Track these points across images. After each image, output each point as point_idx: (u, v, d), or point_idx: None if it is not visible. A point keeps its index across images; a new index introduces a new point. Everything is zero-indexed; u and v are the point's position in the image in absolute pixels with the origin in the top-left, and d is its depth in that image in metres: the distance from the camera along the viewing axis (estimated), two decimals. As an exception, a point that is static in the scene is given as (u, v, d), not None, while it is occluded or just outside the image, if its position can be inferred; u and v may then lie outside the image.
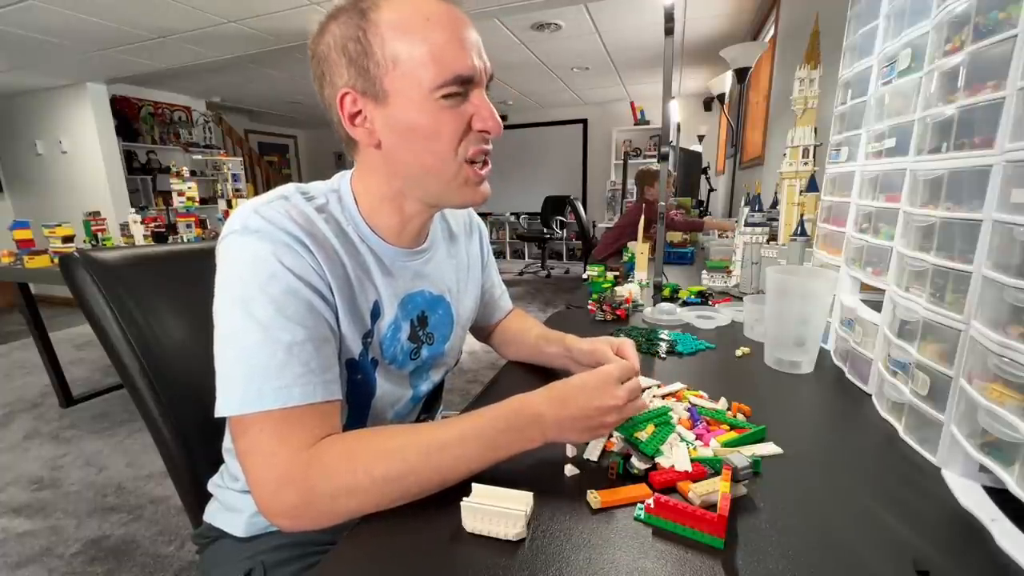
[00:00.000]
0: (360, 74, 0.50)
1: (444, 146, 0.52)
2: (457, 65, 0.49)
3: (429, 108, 0.50)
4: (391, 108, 0.51)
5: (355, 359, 0.57)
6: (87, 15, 2.69)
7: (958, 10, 0.50)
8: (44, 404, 2.57)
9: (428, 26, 0.49)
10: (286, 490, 0.44)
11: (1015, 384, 0.41)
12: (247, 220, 0.49)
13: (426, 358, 0.67)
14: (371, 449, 0.46)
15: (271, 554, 0.60)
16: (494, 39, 3.70)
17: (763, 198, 1.43)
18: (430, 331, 0.66)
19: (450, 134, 0.52)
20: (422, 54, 0.48)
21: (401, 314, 0.62)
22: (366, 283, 0.57)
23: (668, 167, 1.37)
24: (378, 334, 0.59)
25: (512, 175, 7.07)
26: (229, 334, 0.47)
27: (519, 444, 0.48)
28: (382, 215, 0.59)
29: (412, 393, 0.67)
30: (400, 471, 0.44)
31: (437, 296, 0.67)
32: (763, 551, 0.40)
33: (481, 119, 0.53)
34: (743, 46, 2.59)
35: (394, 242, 0.60)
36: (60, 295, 4.45)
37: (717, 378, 0.77)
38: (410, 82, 0.49)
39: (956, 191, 0.50)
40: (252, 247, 0.48)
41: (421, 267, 0.64)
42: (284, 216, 0.50)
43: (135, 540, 1.53)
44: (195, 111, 5.26)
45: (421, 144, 0.52)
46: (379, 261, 0.59)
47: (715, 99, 3.59)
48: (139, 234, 2.76)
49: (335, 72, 0.51)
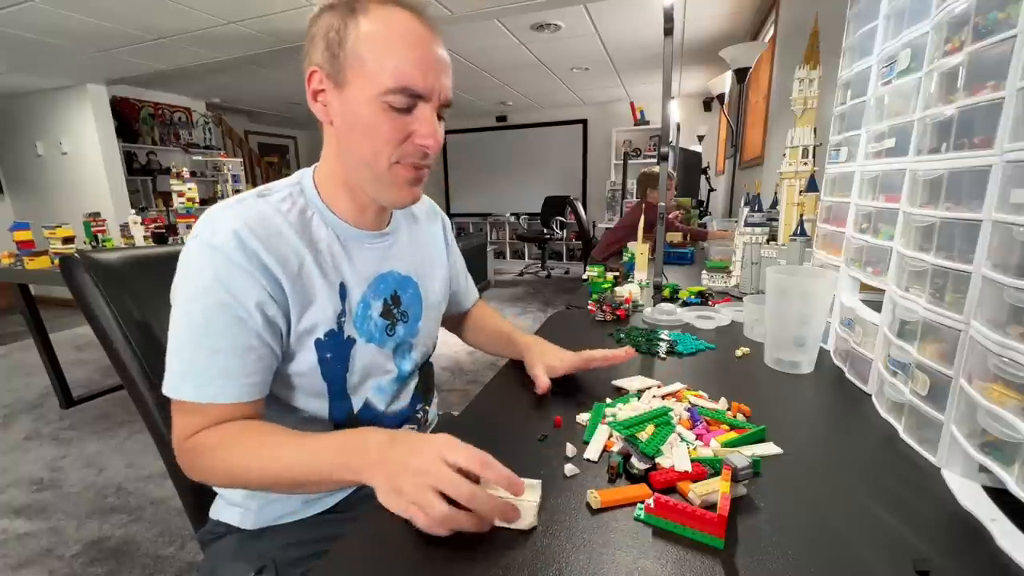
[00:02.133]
0: (330, 59, 0.56)
1: (378, 145, 0.57)
2: (407, 78, 0.54)
3: (374, 108, 0.55)
4: (346, 96, 0.56)
5: (321, 338, 0.61)
6: (87, 16, 2.69)
7: (958, 10, 0.50)
8: (44, 405, 2.57)
9: (396, 39, 0.54)
10: (179, 456, 0.56)
11: (1015, 384, 0.41)
12: (203, 228, 0.55)
13: (403, 335, 0.71)
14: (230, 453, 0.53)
15: (281, 552, 0.61)
16: (494, 39, 3.70)
17: (763, 198, 1.42)
18: (404, 309, 0.71)
19: (386, 136, 0.56)
20: (382, 60, 0.54)
21: (371, 293, 0.66)
22: (330, 266, 0.62)
23: (668, 167, 1.37)
24: (350, 313, 0.63)
25: (512, 175, 7.07)
26: (172, 328, 0.55)
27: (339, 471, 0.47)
28: (341, 199, 0.64)
29: (397, 371, 0.70)
30: (243, 478, 0.53)
31: (405, 276, 0.71)
32: (763, 551, 0.40)
33: (421, 135, 0.57)
34: (743, 46, 2.58)
35: (357, 224, 0.65)
36: (60, 296, 4.44)
37: (717, 378, 0.77)
38: (365, 80, 0.55)
39: (956, 191, 0.50)
40: (197, 257, 0.54)
41: (387, 249, 0.69)
42: (239, 223, 0.55)
43: (135, 541, 1.53)
44: (195, 112, 5.26)
45: (360, 137, 0.57)
46: (343, 244, 0.64)
47: (715, 99, 3.59)
48: (139, 235, 2.75)
49: (314, 50, 0.57)
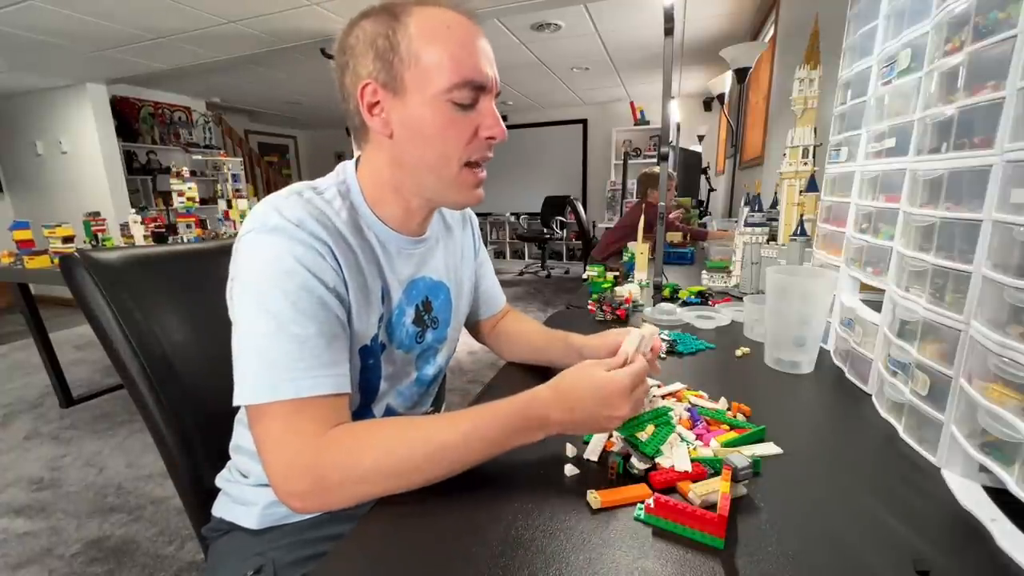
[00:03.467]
0: (384, 67, 0.54)
1: (449, 148, 0.56)
2: (470, 71, 0.53)
3: (440, 109, 0.54)
4: (407, 102, 0.54)
5: (368, 345, 0.59)
6: (87, 15, 2.69)
7: (958, 10, 0.50)
8: (44, 404, 2.57)
9: (448, 33, 0.53)
10: (297, 476, 0.47)
11: (1015, 384, 0.41)
12: (266, 217, 0.52)
13: (431, 341, 0.70)
14: (379, 445, 0.47)
15: (282, 551, 0.60)
16: (494, 39, 3.67)
17: (763, 198, 1.42)
18: (435, 315, 0.70)
19: (455, 137, 0.55)
20: (441, 57, 0.52)
21: (405, 299, 0.65)
22: (374, 269, 0.60)
23: (668, 167, 1.37)
24: (386, 318, 0.62)
25: (512, 175, 7.06)
26: (246, 327, 0.50)
27: (522, 442, 0.49)
28: (387, 204, 0.62)
29: (417, 376, 0.70)
30: (405, 468, 0.47)
31: (438, 282, 0.70)
32: (763, 551, 0.40)
33: (487, 126, 0.56)
34: (743, 46, 2.58)
35: (399, 230, 0.63)
36: (60, 295, 4.44)
37: (717, 378, 0.77)
38: (426, 80, 0.53)
39: (956, 191, 0.50)
40: (270, 244, 0.51)
41: (425, 255, 0.68)
42: (303, 212, 0.53)
43: (135, 541, 1.53)
44: (195, 111, 5.26)
45: (427, 142, 0.56)
46: (384, 248, 0.62)
47: (715, 99, 3.59)
48: (139, 234, 2.75)
49: (360, 63, 0.55)
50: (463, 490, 0.48)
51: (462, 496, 0.47)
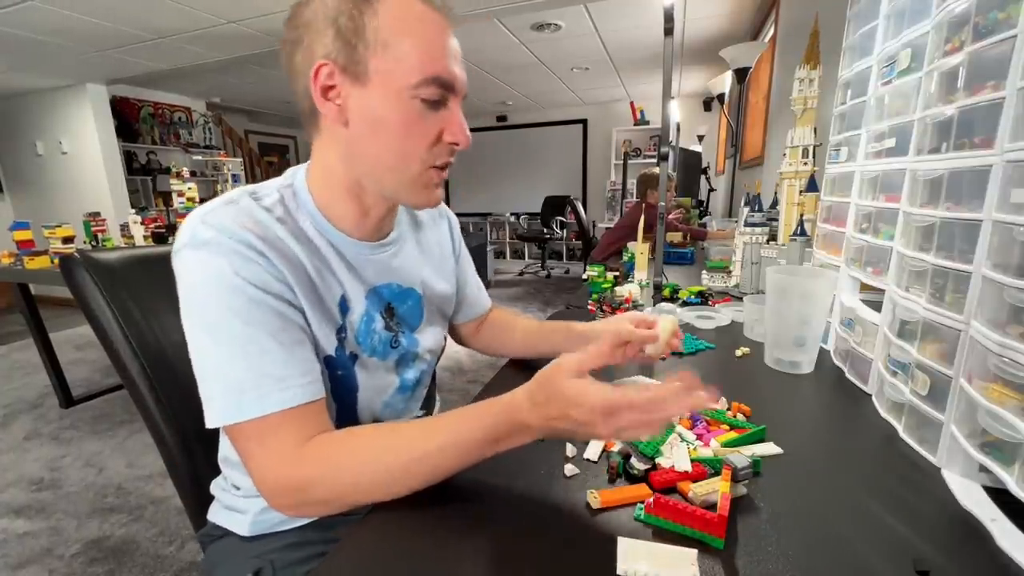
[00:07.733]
0: (345, 49, 0.49)
1: (409, 148, 0.52)
2: (441, 68, 0.50)
3: (405, 105, 0.50)
4: (369, 93, 0.50)
5: (332, 355, 0.56)
6: (87, 15, 2.69)
7: (958, 10, 0.50)
8: (44, 405, 2.57)
9: (421, 27, 0.50)
10: (281, 494, 0.47)
11: (1015, 384, 0.41)
12: (195, 231, 0.48)
13: (407, 346, 0.66)
14: (357, 458, 0.47)
15: (280, 553, 0.60)
16: (494, 39, 3.70)
17: (763, 198, 1.42)
18: (398, 320, 0.65)
19: (419, 137, 0.52)
20: (411, 49, 0.49)
21: (371, 306, 0.61)
22: (329, 278, 0.56)
23: (668, 167, 1.37)
24: (351, 329, 0.59)
25: (512, 175, 7.06)
26: (202, 352, 0.48)
27: (503, 448, 0.46)
28: (339, 205, 0.57)
29: (399, 383, 0.66)
30: (383, 480, 0.46)
31: (407, 288, 0.66)
32: (763, 551, 0.40)
33: (452, 132, 0.53)
34: (743, 46, 2.58)
35: (355, 234, 0.59)
36: (60, 295, 4.44)
37: (717, 378, 0.77)
38: (393, 72, 0.49)
39: (956, 191, 0.50)
40: (206, 260, 0.47)
41: (388, 260, 0.63)
42: (233, 223, 0.49)
43: (135, 541, 1.53)
44: (195, 112, 5.26)
45: (387, 139, 0.52)
46: (340, 255, 0.58)
47: (715, 99, 3.59)
48: (139, 235, 2.75)
49: (317, 40, 0.50)
50: (462, 490, 0.48)
51: (461, 496, 0.48)
